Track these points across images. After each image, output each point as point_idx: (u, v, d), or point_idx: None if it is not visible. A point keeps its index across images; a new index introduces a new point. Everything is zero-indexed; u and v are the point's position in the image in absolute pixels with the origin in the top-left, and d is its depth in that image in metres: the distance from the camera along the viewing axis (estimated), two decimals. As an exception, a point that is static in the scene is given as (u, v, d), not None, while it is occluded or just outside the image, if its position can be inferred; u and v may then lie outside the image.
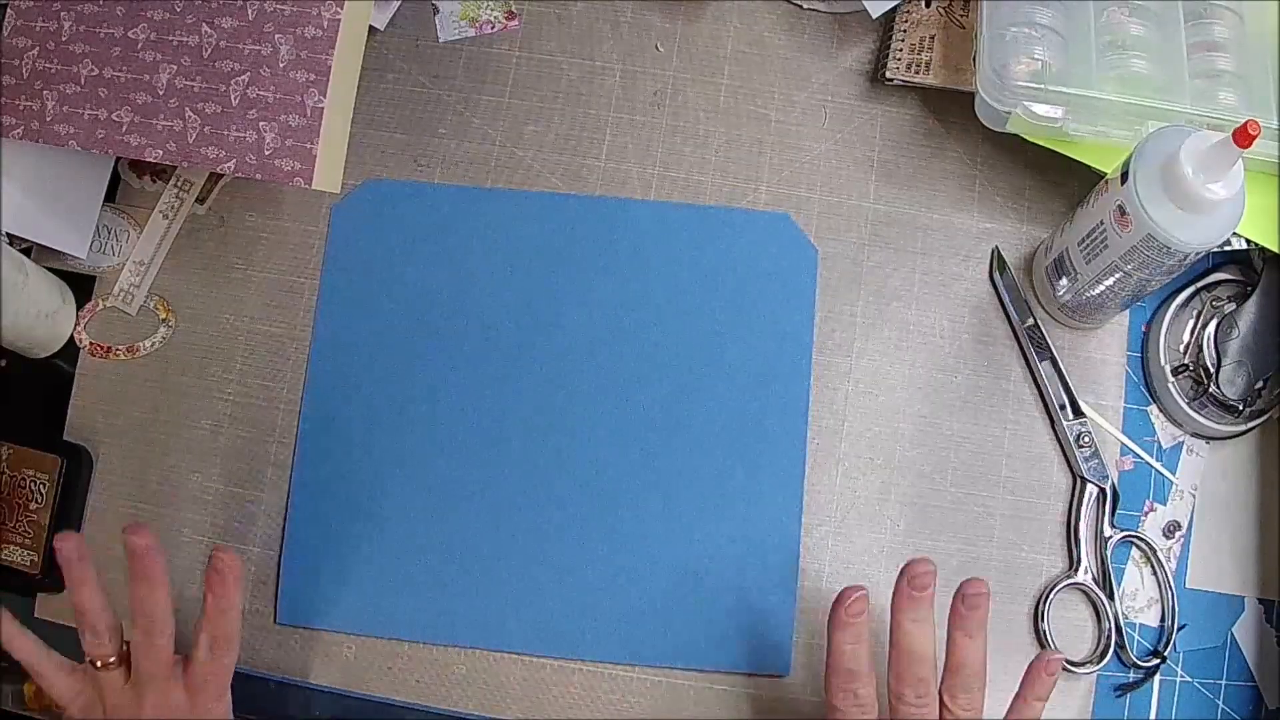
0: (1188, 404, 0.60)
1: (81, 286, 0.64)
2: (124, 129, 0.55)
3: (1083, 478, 0.60)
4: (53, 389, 0.63)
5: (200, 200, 0.65)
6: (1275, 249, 0.58)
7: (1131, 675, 0.59)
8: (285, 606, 0.59)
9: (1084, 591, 0.60)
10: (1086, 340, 0.63)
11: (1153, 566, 0.60)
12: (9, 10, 0.57)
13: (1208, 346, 0.60)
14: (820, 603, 0.60)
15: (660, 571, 0.59)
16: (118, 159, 0.65)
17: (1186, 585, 0.60)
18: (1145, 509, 0.61)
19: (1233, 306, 0.60)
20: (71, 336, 0.63)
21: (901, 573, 0.49)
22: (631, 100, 0.66)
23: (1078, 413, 0.61)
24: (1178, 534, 0.61)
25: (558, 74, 0.67)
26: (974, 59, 0.61)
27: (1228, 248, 0.57)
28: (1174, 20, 0.59)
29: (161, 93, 0.55)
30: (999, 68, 0.57)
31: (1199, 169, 0.49)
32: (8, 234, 0.59)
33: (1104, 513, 0.60)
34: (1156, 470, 0.62)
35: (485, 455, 0.60)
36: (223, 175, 0.65)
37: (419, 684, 0.58)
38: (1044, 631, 0.59)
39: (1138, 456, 0.62)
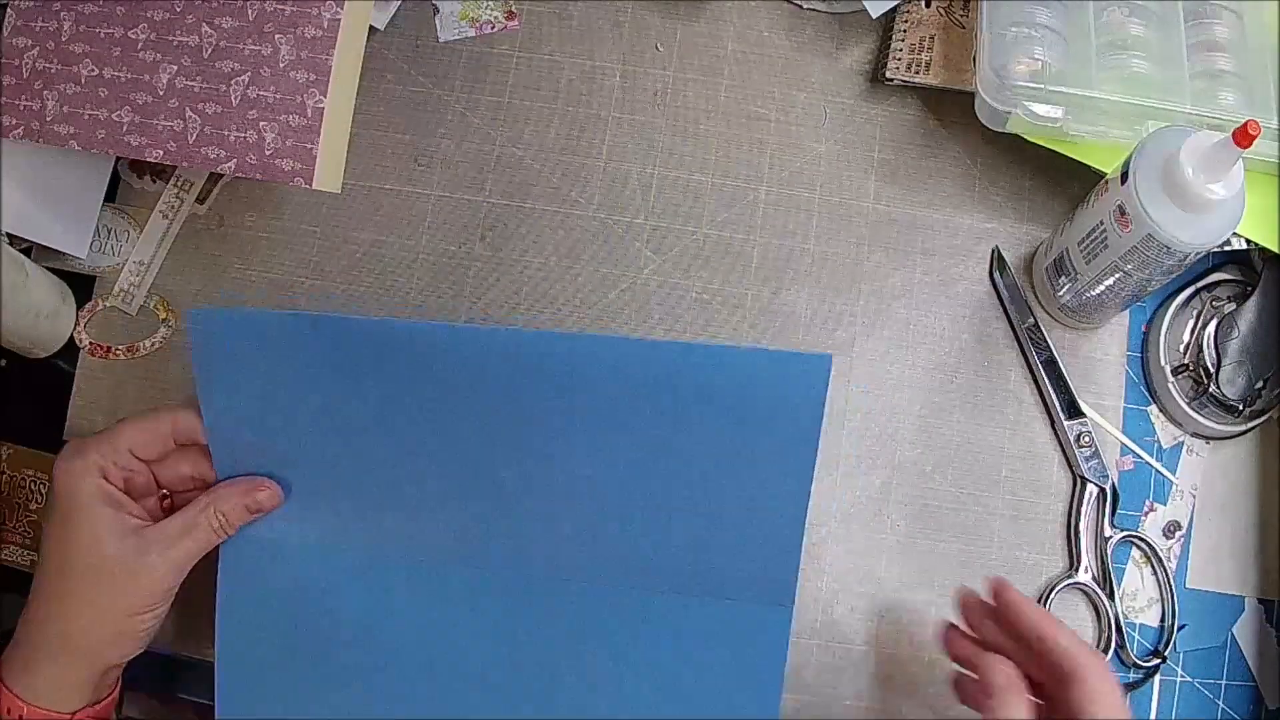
0: (1188, 404, 0.60)
1: (81, 286, 0.64)
2: (124, 129, 0.55)
3: (1083, 478, 0.60)
4: (53, 389, 0.63)
5: (200, 200, 0.65)
6: (1275, 249, 0.58)
7: (1131, 675, 0.59)
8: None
9: (1084, 591, 0.60)
10: (1086, 340, 0.63)
11: (1153, 566, 0.60)
12: (9, 10, 0.57)
13: (1208, 346, 0.60)
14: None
15: None
16: (118, 159, 0.65)
17: (1186, 585, 0.60)
18: (1145, 509, 0.61)
19: (1233, 306, 0.60)
20: (71, 336, 0.63)
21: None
22: (631, 100, 0.66)
23: (1078, 413, 0.61)
24: (1178, 534, 0.61)
25: (558, 74, 0.67)
26: (974, 59, 0.61)
27: (1228, 248, 0.57)
28: (1174, 20, 0.59)
29: (161, 93, 0.55)
30: (999, 68, 0.57)
31: (1199, 169, 0.49)
32: (8, 234, 0.59)
33: (1104, 513, 0.60)
34: (1156, 470, 0.62)
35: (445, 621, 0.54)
36: (223, 175, 0.65)
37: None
38: (1044, 631, 0.59)
39: (1138, 456, 0.62)
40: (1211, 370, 0.59)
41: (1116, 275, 0.55)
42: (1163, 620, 0.60)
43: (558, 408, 0.51)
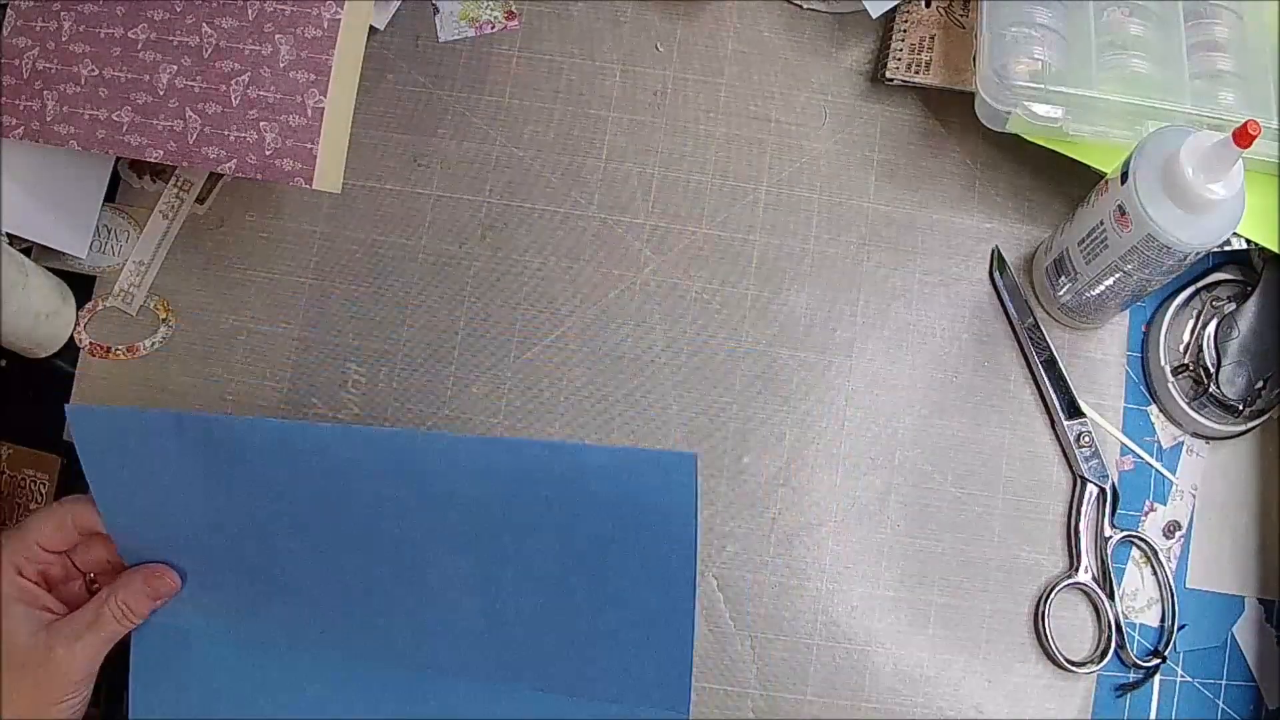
0: (1188, 404, 0.60)
1: (81, 286, 0.64)
2: (124, 129, 0.55)
3: (1083, 478, 0.60)
4: (53, 389, 0.63)
5: (200, 200, 0.65)
6: (1275, 249, 0.58)
7: (1131, 675, 0.59)
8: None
9: (1084, 591, 0.60)
10: (1086, 340, 0.63)
11: (1153, 566, 0.60)
12: (9, 10, 0.57)
13: (1208, 346, 0.60)
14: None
15: None
16: (118, 159, 0.65)
17: (1186, 585, 0.60)
18: (1145, 509, 0.61)
19: (1233, 306, 0.60)
20: (71, 336, 0.63)
21: None
22: (631, 100, 0.66)
23: (1078, 413, 0.61)
24: (1178, 534, 0.61)
25: (558, 74, 0.67)
26: (974, 59, 0.61)
27: (1228, 248, 0.57)
28: (1174, 20, 0.59)
29: (162, 93, 0.55)
30: (999, 68, 0.57)
31: (1199, 169, 0.49)
32: (8, 234, 0.59)
33: (1104, 513, 0.60)
34: (1156, 470, 0.62)
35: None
36: (223, 175, 0.65)
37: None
38: (1044, 631, 0.59)
39: (1138, 456, 0.62)
40: (1211, 370, 0.59)
41: (1116, 275, 0.55)
42: (1163, 620, 0.60)
43: (429, 509, 0.51)
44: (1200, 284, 0.62)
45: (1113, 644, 0.58)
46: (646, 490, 0.49)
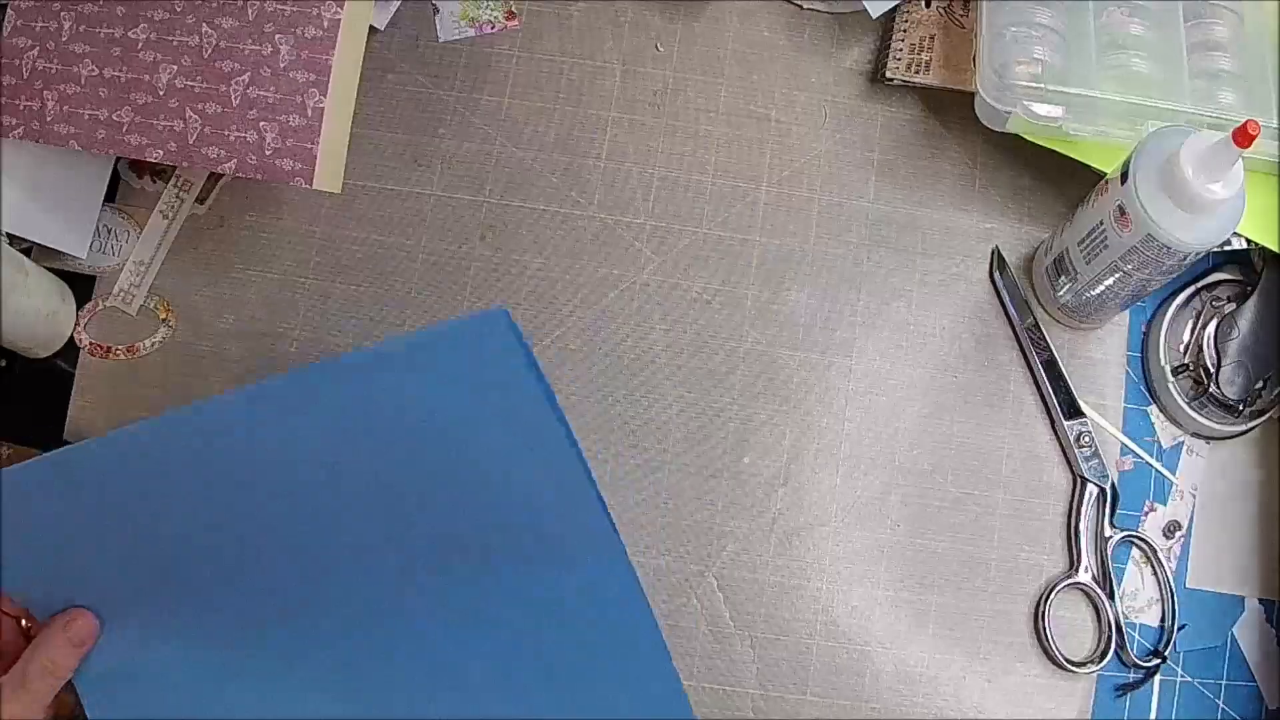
0: (1188, 404, 0.60)
1: (81, 286, 0.64)
2: (124, 129, 0.55)
3: (1083, 478, 0.60)
4: (53, 389, 0.63)
5: (200, 200, 0.65)
6: (1275, 249, 0.58)
7: (1131, 675, 0.59)
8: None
9: (1084, 591, 0.60)
10: (1086, 340, 0.63)
11: (1153, 566, 0.60)
12: (9, 10, 0.57)
13: (1208, 346, 0.60)
14: (823, 619, 0.60)
15: None
16: (118, 159, 0.65)
17: (1186, 585, 0.60)
18: (1145, 509, 0.61)
19: (1233, 306, 0.60)
20: (71, 336, 0.63)
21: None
22: (631, 100, 0.66)
23: (1078, 413, 0.61)
24: (1178, 534, 0.61)
25: (558, 74, 0.67)
26: (974, 59, 0.61)
27: (1228, 248, 0.57)
28: (1174, 20, 0.59)
29: (162, 93, 0.55)
30: (999, 68, 0.57)
31: (1199, 169, 0.49)
32: (8, 234, 0.59)
33: (1104, 513, 0.60)
34: (1156, 470, 0.62)
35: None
36: (223, 175, 0.65)
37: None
38: (1044, 631, 0.59)
39: (1138, 456, 0.62)
40: (1211, 370, 0.59)
41: (1116, 275, 0.55)
42: (1163, 620, 0.60)
43: (287, 465, 0.49)
44: (1200, 284, 0.62)
45: (1113, 644, 0.58)
46: (475, 363, 0.46)
